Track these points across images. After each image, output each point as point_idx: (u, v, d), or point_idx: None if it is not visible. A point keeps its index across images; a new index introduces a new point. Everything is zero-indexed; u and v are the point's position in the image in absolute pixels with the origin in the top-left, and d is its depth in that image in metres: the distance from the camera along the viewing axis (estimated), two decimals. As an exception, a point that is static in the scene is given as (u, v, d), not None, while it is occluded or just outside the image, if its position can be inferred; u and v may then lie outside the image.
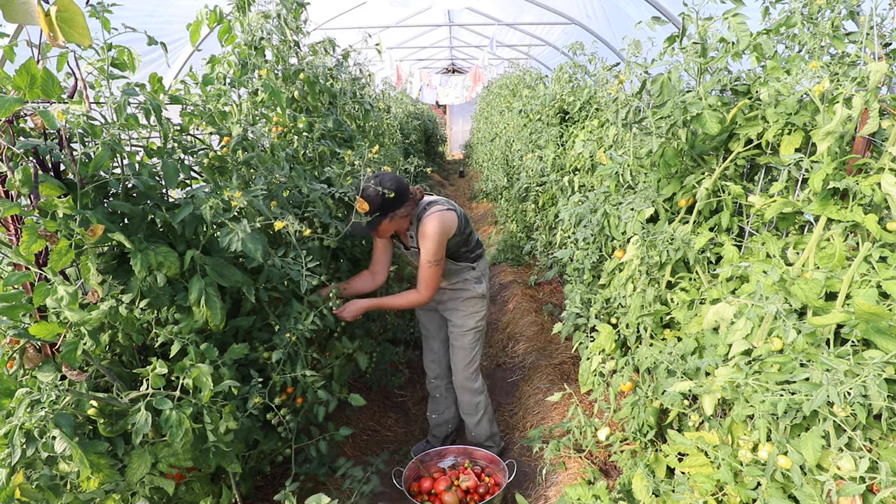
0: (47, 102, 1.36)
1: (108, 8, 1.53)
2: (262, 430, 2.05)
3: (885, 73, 1.24)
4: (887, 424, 1.16)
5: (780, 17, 1.59)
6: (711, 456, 1.50)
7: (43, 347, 1.44)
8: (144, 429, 1.42)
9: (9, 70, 1.40)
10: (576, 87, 3.98)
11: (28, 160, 1.34)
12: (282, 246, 2.08)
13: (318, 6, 3.66)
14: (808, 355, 1.26)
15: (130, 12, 3.59)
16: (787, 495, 1.29)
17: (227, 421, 1.61)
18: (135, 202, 1.58)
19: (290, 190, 2.33)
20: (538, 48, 9.31)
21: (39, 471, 1.34)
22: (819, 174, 1.35)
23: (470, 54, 13.18)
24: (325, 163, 2.77)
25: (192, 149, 1.87)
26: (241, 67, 2.26)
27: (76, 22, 1.13)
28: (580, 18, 6.43)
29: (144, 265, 1.46)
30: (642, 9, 4.62)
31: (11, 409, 1.29)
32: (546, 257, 4.27)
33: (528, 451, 2.81)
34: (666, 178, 2.00)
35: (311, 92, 2.68)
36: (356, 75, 3.66)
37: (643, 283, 2.03)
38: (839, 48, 1.46)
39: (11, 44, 1.55)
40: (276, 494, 1.87)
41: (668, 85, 1.76)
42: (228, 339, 1.90)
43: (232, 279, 1.70)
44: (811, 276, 1.37)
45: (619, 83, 1.97)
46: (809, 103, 1.48)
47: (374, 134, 4.33)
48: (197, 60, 4.12)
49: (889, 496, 1.05)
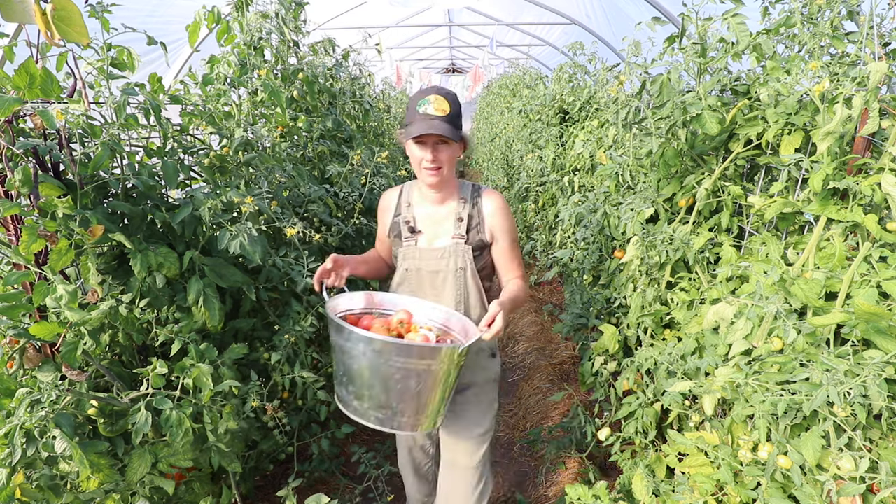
0: (47, 102, 1.36)
1: (107, 8, 1.53)
2: (261, 431, 2.05)
3: (884, 73, 1.24)
4: (887, 424, 1.16)
5: (779, 17, 1.59)
6: (711, 456, 1.50)
7: (43, 347, 1.44)
8: (144, 429, 1.42)
9: (8, 70, 1.40)
10: (576, 88, 3.98)
11: (28, 160, 1.33)
12: (282, 246, 2.08)
13: (317, 6, 3.66)
14: (808, 355, 1.26)
15: (130, 12, 3.59)
16: (787, 495, 1.29)
17: (227, 421, 1.61)
18: (134, 202, 1.58)
19: (290, 189, 2.33)
20: (538, 48, 9.31)
21: (39, 471, 1.34)
22: (819, 174, 1.35)
23: (470, 54, 13.18)
24: (324, 162, 2.77)
25: (191, 149, 1.87)
26: (240, 67, 2.26)
27: (74, 21, 1.13)
28: (580, 18, 6.43)
29: (144, 265, 1.46)
30: (642, 9, 4.62)
31: (11, 409, 1.29)
32: (546, 257, 4.27)
33: (528, 451, 2.81)
34: (666, 178, 1.99)
35: (311, 92, 2.68)
36: (356, 75, 3.66)
37: (643, 284, 2.03)
38: (839, 48, 1.46)
39: (11, 44, 1.54)
40: (276, 492, 1.88)
41: (667, 85, 1.76)
42: (228, 339, 1.90)
43: (231, 279, 1.70)
44: (811, 276, 1.36)
45: (619, 84, 1.97)
46: (809, 103, 1.48)
47: (374, 134, 4.33)
48: (197, 60, 4.12)
49: (889, 496, 1.05)
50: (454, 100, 1.59)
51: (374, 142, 4.26)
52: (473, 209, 1.69)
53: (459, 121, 1.60)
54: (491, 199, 1.69)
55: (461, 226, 1.67)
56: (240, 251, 1.63)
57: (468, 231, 1.68)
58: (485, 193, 1.70)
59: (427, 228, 1.72)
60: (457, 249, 1.67)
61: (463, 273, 1.67)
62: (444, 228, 1.70)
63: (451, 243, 1.67)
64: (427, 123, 1.53)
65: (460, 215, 1.68)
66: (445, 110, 1.54)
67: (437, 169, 1.59)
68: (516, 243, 1.74)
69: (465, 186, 1.73)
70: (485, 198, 1.69)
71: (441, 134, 1.51)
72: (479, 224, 1.68)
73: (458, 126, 1.60)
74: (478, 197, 1.70)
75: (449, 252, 1.67)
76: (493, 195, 1.70)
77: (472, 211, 1.69)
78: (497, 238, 1.69)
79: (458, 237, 1.67)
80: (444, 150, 1.58)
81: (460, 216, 1.68)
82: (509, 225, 1.70)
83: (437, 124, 1.53)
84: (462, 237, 1.67)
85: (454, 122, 1.57)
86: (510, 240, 1.71)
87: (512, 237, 1.71)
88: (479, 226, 1.68)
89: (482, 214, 1.68)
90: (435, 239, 1.71)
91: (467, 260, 1.66)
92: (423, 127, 1.52)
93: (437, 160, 1.58)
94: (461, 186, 1.72)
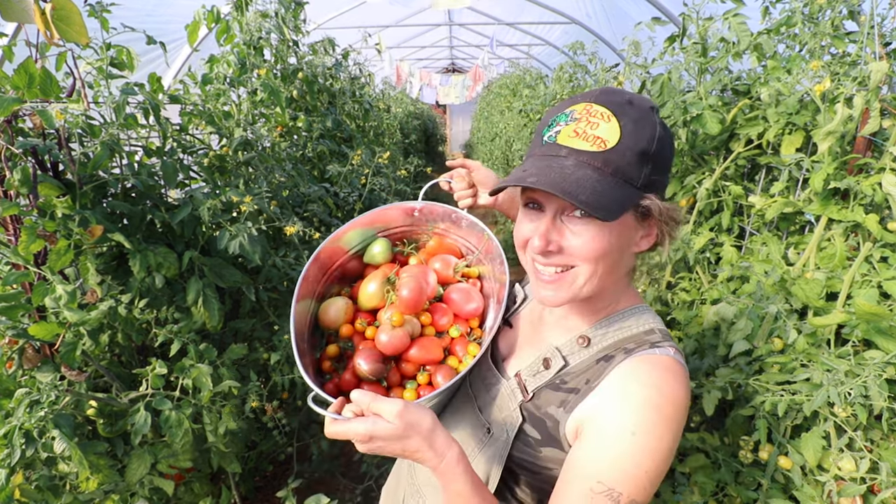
0: (46, 102, 1.36)
1: (106, 7, 1.52)
2: (260, 431, 2.05)
3: (886, 73, 1.23)
4: (888, 425, 1.15)
5: (780, 16, 1.59)
6: (712, 456, 1.50)
7: (42, 348, 1.44)
8: (144, 429, 1.42)
9: (7, 70, 1.39)
10: (576, 87, 3.97)
11: (27, 160, 1.33)
12: (282, 246, 2.08)
13: (317, 5, 3.66)
14: (808, 355, 1.26)
15: (129, 12, 3.59)
16: (788, 496, 1.28)
17: (226, 421, 1.61)
18: (134, 202, 1.57)
19: (290, 189, 2.33)
20: (538, 47, 9.31)
21: (39, 471, 1.34)
22: (820, 174, 1.34)
23: (470, 54, 13.18)
24: (324, 162, 2.77)
25: (191, 148, 1.87)
26: (239, 67, 2.26)
27: (73, 20, 1.12)
28: (580, 18, 6.43)
29: (143, 265, 1.45)
30: (643, 8, 4.62)
31: (11, 409, 1.28)
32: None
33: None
34: (666, 177, 1.99)
35: (310, 91, 2.68)
36: (356, 75, 3.66)
37: (643, 284, 2.03)
38: (840, 48, 1.46)
39: (10, 43, 1.54)
40: (276, 493, 1.87)
41: (668, 85, 1.76)
42: (228, 340, 1.89)
43: (231, 279, 1.70)
44: (812, 276, 1.36)
45: (619, 84, 1.97)
46: (810, 103, 1.47)
47: (374, 133, 4.33)
48: (196, 60, 4.12)
49: (890, 497, 1.05)
50: (638, 112, 0.72)
51: (374, 142, 4.26)
52: (593, 366, 0.80)
53: (648, 159, 0.72)
54: (643, 369, 0.76)
55: (541, 373, 0.85)
56: (239, 251, 1.63)
57: (544, 388, 0.84)
58: (643, 355, 0.77)
59: (523, 332, 0.95)
60: (504, 399, 0.88)
61: (485, 437, 0.90)
62: (525, 356, 0.91)
63: (507, 385, 0.89)
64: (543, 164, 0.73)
65: (552, 355, 0.85)
66: (606, 140, 0.71)
67: (552, 271, 0.78)
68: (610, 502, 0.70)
69: (628, 318, 0.83)
70: (635, 360, 0.77)
71: (565, 195, 0.68)
72: (574, 392, 0.80)
73: (638, 173, 0.72)
74: (623, 353, 0.79)
75: (493, 392, 0.91)
76: (658, 366, 0.76)
77: (586, 366, 0.81)
78: (585, 440, 0.75)
79: (521, 384, 0.87)
80: (581, 230, 0.74)
81: (549, 356, 0.85)
82: (640, 444, 0.70)
83: (569, 167, 0.71)
84: (527, 392, 0.85)
85: (625, 167, 0.71)
86: (605, 479, 0.69)
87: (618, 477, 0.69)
88: (573, 395, 0.80)
89: (597, 382, 0.78)
90: (512, 359, 0.94)
91: (505, 430, 0.86)
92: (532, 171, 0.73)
93: (553, 250, 0.76)
94: (622, 314, 0.84)
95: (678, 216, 0.77)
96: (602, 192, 0.69)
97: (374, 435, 0.72)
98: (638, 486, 0.67)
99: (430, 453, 0.72)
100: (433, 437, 0.72)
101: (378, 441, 0.72)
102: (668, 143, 0.75)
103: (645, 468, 0.68)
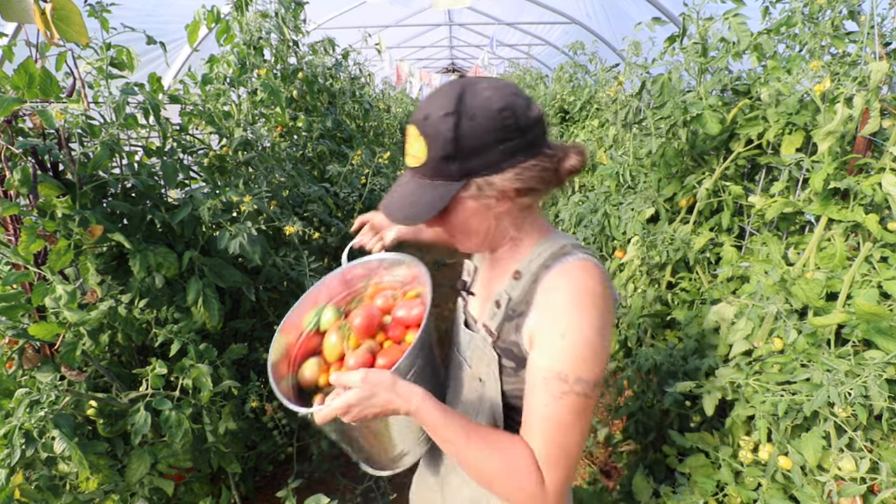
0: (46, 102, 1.36)
1: (106, 7, 1.52)
2: (260, 431, 2.05)
3: (885, 73, 1.23)
4: (888, 425, 1.15)
5: (780, 16, 1.59)
6: (712, 456, 1.50)
7: (42, 348, 1.44)
8: (144, 429, 1.42)
9: (7, 70, 1.39)
10: (576, 87, 3.98)
11: (27, 160, 1.33)
12: (282, 246, 2.08)
13: (317, 5, 3.66)
14: (808, 355, 1.26)
15: (129, 12, 3.59)
16: (788, 496, 1.28)
17: (226, 421, 1.61)
18: (134, 202, 1.57)
19: (290, 189, 2.33)
20: (538, 47, 9.31)
21: (39, 471, 1.34)
22: (820, 174, 1.34)
23: (470, 54, 13.18)
24: (324, 162, 2.77)
25: (191, 148, 1.87)
26: (239, 67, 2.26)
27: (73, 20, 1.12)
28: (580, 18, 6.43)
29: (143, 265, 1.45)
30: (643, 8, 4.61)
31: (11, 409, 1.29)
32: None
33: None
34: (666, 178, 1.99)
35: (310, 91, 2.68)
36: (356, 75, 3.66)
37: (644, 284, 2.03)
38: (840, 48, 1.46)
39: (10, 43, 1.54)
40: (276, 493, 1.87)
41: (668, 85, 1.76)
42: (228, 340, 1.90)
43: (231, 279, 1.70)
44: (812, 276, 1.36)
45: (619, 84, 1.97)
46: (810, 103, 1.47)
47: (374, 133, 4.33)
48: (196, 60, 4.12)
49: (890, 496, 1.05)
50: (436, 119, 0.81)
51: (374, 142, 4.26)
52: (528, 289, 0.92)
53: (453, 157, 0.82)
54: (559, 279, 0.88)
55: (496, 314, 0.96)
56: (239, 251, 1.63)
57: (503, 324, 0.95)
58: (557, 267, 0.89)
59: (480, 293, 1.08)
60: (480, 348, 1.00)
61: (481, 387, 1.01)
62: (486, 309, 1.02)
63: (479, 336, 1.01)
64: (394, 188, 0.92)
65: (500, 296, 0.96)
66: (419, 157, 0.85)
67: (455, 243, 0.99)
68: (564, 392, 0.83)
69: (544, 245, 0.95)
70: (552, 273, 0.89)
71: (388, 216, 0.88)
72: (521, 315, 0.92)
73: (450, 170, 0.84)
74: (544, 269, 0.91)
75: (472, 346, 1.03)
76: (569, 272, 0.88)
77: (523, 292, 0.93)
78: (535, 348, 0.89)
79: (487, 329, 0.98)
80: (447, 217, 0.90)
81: (498, 298, 0.96)
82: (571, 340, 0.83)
83: (396, 195, 0.89)
84: (493, 333, 0.97)
85: (439, 170, 0.84)
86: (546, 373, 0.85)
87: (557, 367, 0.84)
88: (521, 319, 0.92)
89: (532, 300, 0.90)
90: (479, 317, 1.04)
91: (490, 372, 0.98)
92: (387, 199, 0.90)
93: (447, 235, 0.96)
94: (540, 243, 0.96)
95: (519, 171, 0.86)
96: (417, 201, 0.86)
97: (349, 403, 0.84)
98: (581, 366, 0.84)
99: (399, 400, 0.86)
100: (396, 388, 0.86)
101: (355, 407, 0.85)
102: (471, 129, 0.82)
103: (582, 356, 0.84)
